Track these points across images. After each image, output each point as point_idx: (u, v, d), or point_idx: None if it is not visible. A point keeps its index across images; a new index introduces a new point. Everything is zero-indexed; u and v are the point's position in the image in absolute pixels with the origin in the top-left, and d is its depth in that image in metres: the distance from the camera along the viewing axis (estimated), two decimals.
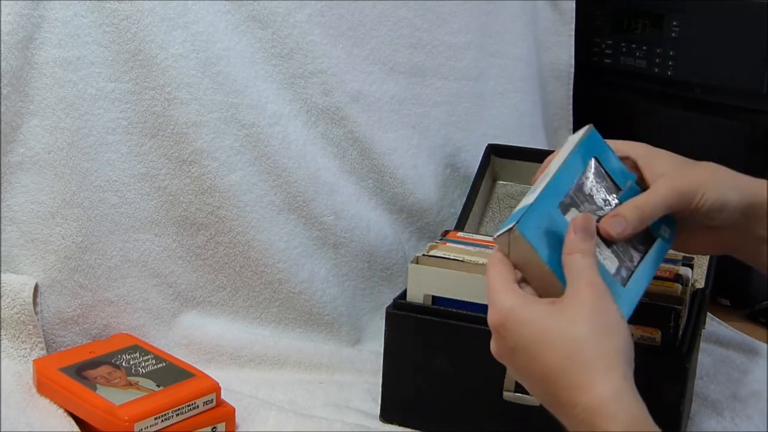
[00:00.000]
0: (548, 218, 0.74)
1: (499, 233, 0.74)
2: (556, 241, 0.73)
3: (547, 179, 0.77)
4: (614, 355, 0.68)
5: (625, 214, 0.78)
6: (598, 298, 0.70)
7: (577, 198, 0.78)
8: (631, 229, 0.78)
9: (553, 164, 0.79)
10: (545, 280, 0.73)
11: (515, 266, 0.74)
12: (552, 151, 1.30)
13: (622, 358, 0.68)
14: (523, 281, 0.74)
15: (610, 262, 0.77)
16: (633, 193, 0.81)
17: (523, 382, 0.72)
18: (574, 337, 0.68)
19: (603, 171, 0.81)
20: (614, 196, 0.80)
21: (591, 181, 0.79)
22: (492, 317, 0.71)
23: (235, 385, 1.05)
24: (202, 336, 1.12)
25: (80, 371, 0.98)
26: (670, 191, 0.79)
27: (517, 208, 0.76)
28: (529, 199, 0.76)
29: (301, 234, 1.17)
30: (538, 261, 0.72)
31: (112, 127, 1.07)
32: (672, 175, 0.81)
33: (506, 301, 0.71)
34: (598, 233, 0.77)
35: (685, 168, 0.82)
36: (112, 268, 1.08)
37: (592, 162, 0.80)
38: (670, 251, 1.16)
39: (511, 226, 0.72)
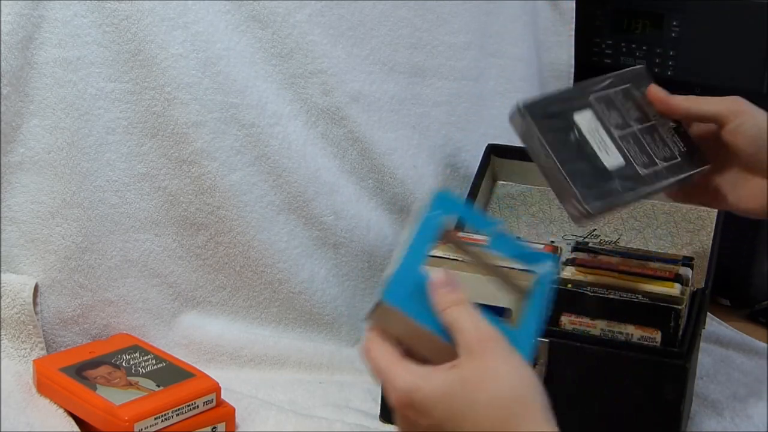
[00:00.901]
0: (413, 281, 0.70)
1: (368, 312, 0.69)
2: (426, 301, 0.69)
3: (403, 248, 0.73)
4: (536, 406, 0.63)
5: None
6: (492, 349, 0.64)
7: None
8: (673, 101, 0.85)
9: (407, 232, 0.75)
10: (431, 344, 0.68)
11: (398, 340, 0.68)
12: None
13: (541, 404, 0.64)
14: (407, 354, 0.67)
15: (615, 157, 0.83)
16: (501, 237, 0.79)
17: None
18: (489, 404, 0.62)
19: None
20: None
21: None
22: (394, 400, 0.64)
23: (235, 385, 1.05)
24: (202, 336, 1.12)
25: (80, 371, 0.98)
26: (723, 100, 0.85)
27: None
28: (389, 272, 0.72)
29: (301, 234, 1.17)
30: (415, 326, 0.68)
31: (112, 127, 1.07)
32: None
33: (404, 380, 0.64)
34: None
35: None
36: (112, 268, 1.08)
37: (444, 222, 0.77)
38: (670, 250, 1.16)
39: (377, 300, 0.68)
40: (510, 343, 0.66)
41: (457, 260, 1.01)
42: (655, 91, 0.89)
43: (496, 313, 0.98)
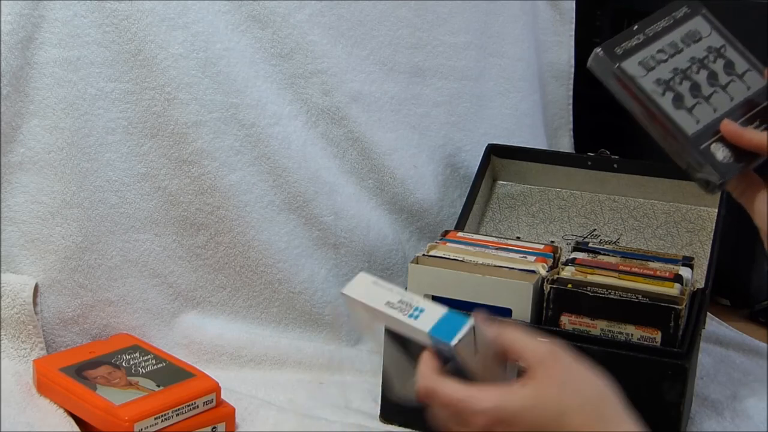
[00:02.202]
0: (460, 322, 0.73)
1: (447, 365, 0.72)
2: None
3: (419, 299, 0.75)
4: (619, 406, 0.68)
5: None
6: (562, 358, 0.69)
7: None
8: (749, 137, 0.79)
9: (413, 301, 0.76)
10: (492, 370, 0.72)
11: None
12: (552, 152, 1.31)
13: (621, 403, 0.68)
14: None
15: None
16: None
17: None
18: (581, 409, 0.67)
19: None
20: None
21: None
22: (484, 421, 0.68)
23: (235, 385, 1.05)
24: (202, 336, 1.12)
25: (80, 371, 0.98)
26: None
27: (431, 325, 0.73)
28: (433, 314, 0.73)
29: (301, 234, 1.17)
30: (479, 355, 0.71)
31: (112, 127, 1.07)
32: None
33: (489, 400, 0.67)
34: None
35: None
36: (112, 268, 1.08)
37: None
38: (670, 250, 1.16)
39: (469, 324, 0.71)
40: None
41: (457, 260, 1.01)
42: (729, 127, 0.81)
43: (496, 313, 0.98)
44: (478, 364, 0.72)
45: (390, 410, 1.02)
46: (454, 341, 0.71)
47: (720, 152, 0.80)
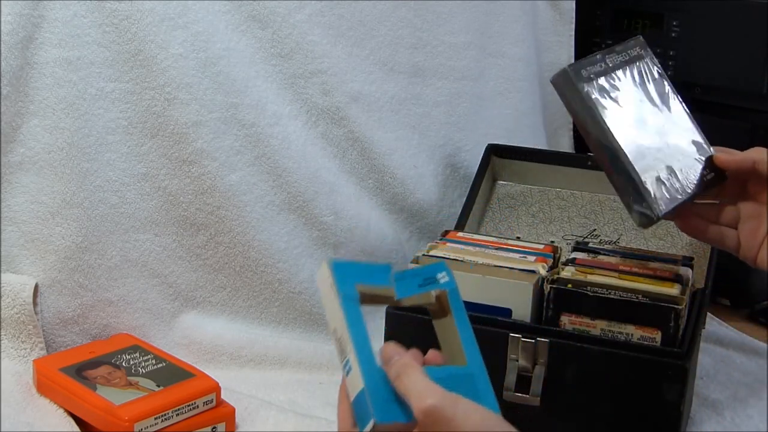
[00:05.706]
0: (384, 385, 0.70)
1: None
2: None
3: (350, 350, 0.72)
4: None
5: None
6: (435, 415, 0.66)
7: None
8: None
9: (337, 326, 0.73)
10: None
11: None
12: (552, 152, 1.31)
13: None
14: None
15: None
16: (401, 278, 0.76)
17: None
18: None
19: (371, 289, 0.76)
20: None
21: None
22: None
23: (235, 385, 1.05)
24: (202, 336, 1.12)
25: (80, 371, 0.98)
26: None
27: (354, 393, 0.71)
28: (356, 382, 0.71)
29: (301, 234, 1.17)
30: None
31: (112, 127, 1.07)
32: None
33: None
34: None
35: None
36: (112, 268, 1.08)
37: (357, 291, 0.74)
38: (670, 250, 1.16)
39: (369, 425, 0.69)
40: (454, 394, 0.67)
41: (457, 260, 1.01)
42: (723, 157, 0.90)
43: (496, 313, 0.99)
44: None
45: None
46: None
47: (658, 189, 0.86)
